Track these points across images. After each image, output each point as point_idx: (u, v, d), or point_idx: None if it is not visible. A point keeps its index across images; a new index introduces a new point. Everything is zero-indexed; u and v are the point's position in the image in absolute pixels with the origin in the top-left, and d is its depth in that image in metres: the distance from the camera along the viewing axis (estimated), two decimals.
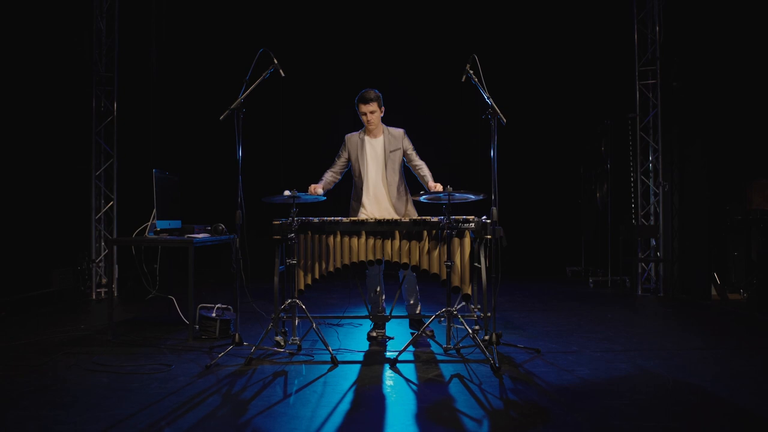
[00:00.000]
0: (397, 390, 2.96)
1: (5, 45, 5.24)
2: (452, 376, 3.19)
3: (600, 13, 7.36)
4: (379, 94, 4.07)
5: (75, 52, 6.31)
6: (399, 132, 4.15)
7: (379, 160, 4.11)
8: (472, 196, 3.51)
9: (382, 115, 4.10)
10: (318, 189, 3.98)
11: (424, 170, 4.11)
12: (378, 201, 4.13)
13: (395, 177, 4.12)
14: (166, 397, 2.82)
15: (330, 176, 4.19)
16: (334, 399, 2.79)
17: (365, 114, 4.03)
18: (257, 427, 2.43)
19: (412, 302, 4.23)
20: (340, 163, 4.21)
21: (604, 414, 2.59)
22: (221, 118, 3.54)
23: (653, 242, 6.74)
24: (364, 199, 4.14)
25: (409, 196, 4.21)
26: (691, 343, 4.03)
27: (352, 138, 4.18)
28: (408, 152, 4.15)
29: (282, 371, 3.28)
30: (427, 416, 2.58)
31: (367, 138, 4.14)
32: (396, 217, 4.03)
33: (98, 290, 6.40)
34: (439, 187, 3.82)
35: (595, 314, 5.12)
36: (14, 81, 5.39)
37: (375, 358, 3.60)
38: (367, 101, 4.01)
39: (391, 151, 4.10)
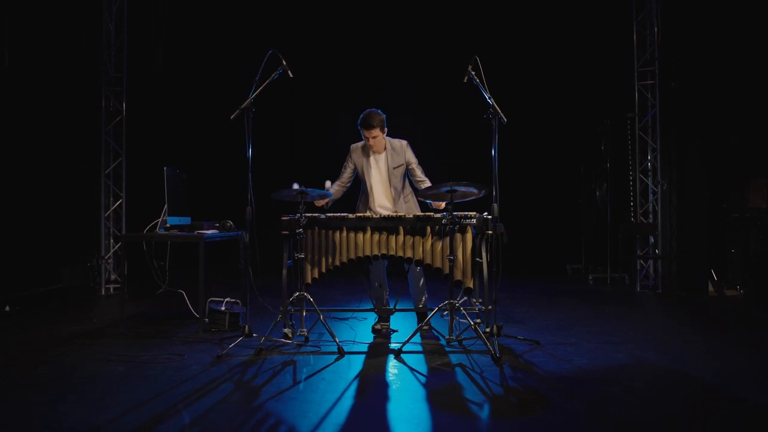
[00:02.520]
0: (402, 378, 3.08)
1: (20, 48, 5.37)
2: (454, 365, 3.31)
3: (600, 15, 7.47)
4: (383, 117, 4.10)
5: (85, 54, 6.44)
6: (401, 144, 4.22)
7: (383, 176, 4.23)
8: (475, 189, 3.60)
9: (384, 135, 4.16)
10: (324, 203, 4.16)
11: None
12: (384, 210, 4.26)
13: (399, 187, 4.25)
14: (181, 383, 2.94)
15: (338, 188, 4.30)
16: (341, 385, 2.91)
17: (368, 138, 4.12)
18: (269, 410, 2.56)
19: (418, 294, 4.35)
20: (346, 174, 4.33)
21: (601, 400, 2.71)
22: (232, 117, 3.66)
23: (652, 240, 6.85)
24: (371, 205, 4.26)
25: (413, 198, 4.34)
26: (687, 336, 4.15)
27: (356, 150, 4.29)
28: (411, 166, 4.25)
29: (291, 361, 3.41)
30: (430, 400, 2.70)
31: (371, 154, 4.24)
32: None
33: (107, 286, 6.53)
34: (442, 206, 3.90)
35: (594, 310, 5.23)
36: (28, 82, 5.51)
37: (380, 349, 3.73)
38: (369, 128, 4.06)
39: (394, 168, 4.20)
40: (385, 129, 4.14)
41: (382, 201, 4.27)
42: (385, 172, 4.22)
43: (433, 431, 2.36)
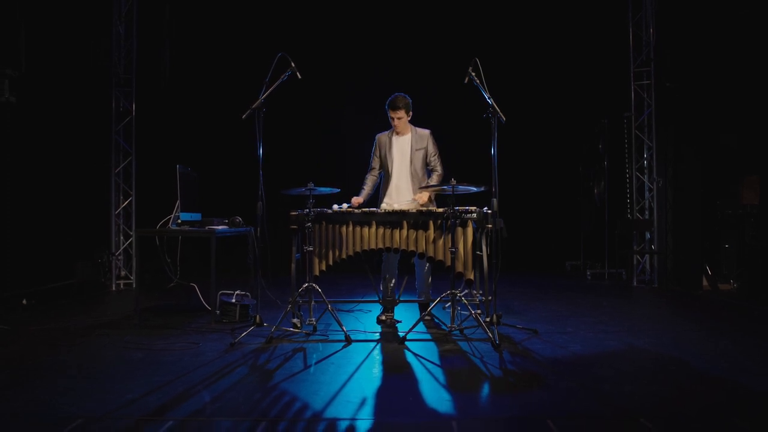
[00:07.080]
0: (406, 362, 3.26)
1: (35, 52, 5.54)
2: (456, 351, 3.49)
3: (597, 16, 7.62)
4: (408, 101, 4.41)
5: (96, 55, 6.62)
6: (425, 133, 4.51)
7: (405, 156, 4.47)
8: (474, 188, 3.79)
9: (409, 119, 4.46)
10: (360, 201, 4.37)
11: (434, 177, 4.44)
12: (400, 193, 4.46)
13: (419, 172, 4.46)
14: (197, 368, 3.12)
15: (370, 180, 4.55)
16: (349, 369, 3.09)
17: (393, 118, 4.41)
18: (284, 390, 2.73)
19: (424, 288, 4.52)
20: (375, 163, 4.58)
21: (594, 381, 2.88)
22: (243, 117, 3.84)
23: (648, 236, 7.02)
24: (389, 191, 4.49)
25: (432, 194, 4.50)
26: (681, 326, 4.32)
27: (381, 138, 4.56)
28: (431, 157, 4.49)
29: (300, 348, 3.58)
30: (433, 381, 2.88)
31: (395, 137, 4.50)
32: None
33: (117, 282, 6.71)
34: (424, 200, 4.28)
35: (590, 302, 5.40)
36: (43, 85, 5.69)
37: (385, 337, 3.91)
38: (395, 108, 4.38)
39: (416, 150, 4.46)
40: (410, 113, 4.44)
41: (401, 182, 4.45)
42: (408, 152, 4.45)
43: (437, 406, 2.53)
